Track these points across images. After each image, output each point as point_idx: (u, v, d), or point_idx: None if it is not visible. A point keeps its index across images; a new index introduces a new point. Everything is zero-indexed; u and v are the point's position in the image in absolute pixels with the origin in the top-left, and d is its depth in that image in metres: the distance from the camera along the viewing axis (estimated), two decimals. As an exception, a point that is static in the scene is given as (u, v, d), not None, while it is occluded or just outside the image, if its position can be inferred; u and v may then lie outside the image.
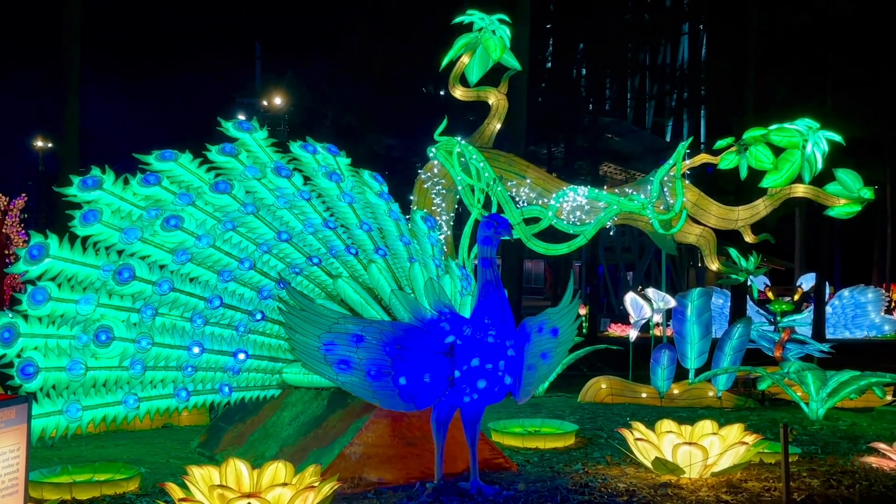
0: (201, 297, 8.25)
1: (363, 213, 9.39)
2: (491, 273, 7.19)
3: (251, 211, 8.78)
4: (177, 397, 8.12)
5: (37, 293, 7.67)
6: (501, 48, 13.95)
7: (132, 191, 8.44)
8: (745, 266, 14.75)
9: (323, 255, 8.78)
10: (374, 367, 7.01)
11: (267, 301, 8.41)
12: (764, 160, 13.72)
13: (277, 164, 9.33)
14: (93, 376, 7.78)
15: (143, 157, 8.82)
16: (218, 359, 8.24)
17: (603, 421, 11.71)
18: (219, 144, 9.36)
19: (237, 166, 9.19)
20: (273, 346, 8.52)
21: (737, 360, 13.86)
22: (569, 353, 9.61)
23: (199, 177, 8.86)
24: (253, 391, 8.53)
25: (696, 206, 14.31)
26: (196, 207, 8.61)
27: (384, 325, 7.20)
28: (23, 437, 5.43)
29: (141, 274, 8.06)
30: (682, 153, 14.16)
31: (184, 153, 8.98)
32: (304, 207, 9.16)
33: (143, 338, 7.95)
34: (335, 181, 9.51)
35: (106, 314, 7.91)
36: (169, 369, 8.09)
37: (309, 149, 9.83)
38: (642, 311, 15.24)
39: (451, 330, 7.26)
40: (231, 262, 8.43)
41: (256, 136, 9.65)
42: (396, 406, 7.21)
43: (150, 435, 10.62)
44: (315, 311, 7.05)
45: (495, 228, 7.29)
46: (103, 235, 8.17)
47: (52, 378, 7.59)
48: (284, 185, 9.25)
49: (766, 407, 13.66)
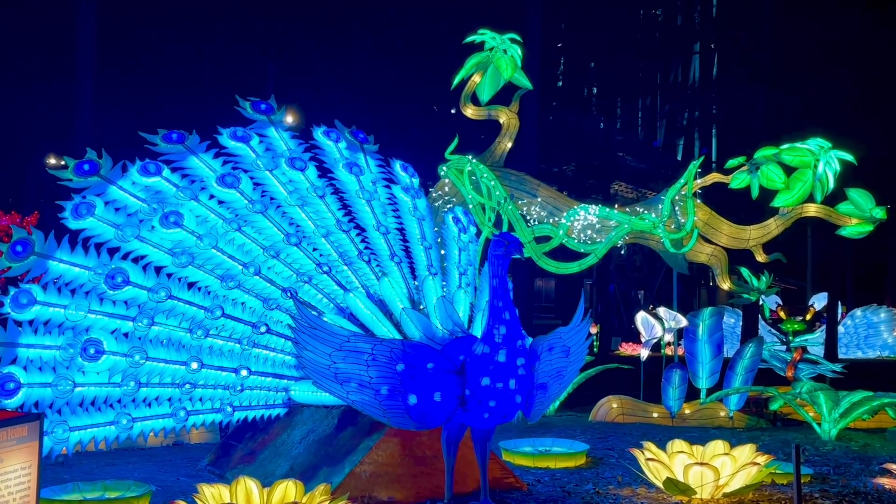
0: (201, 307, 7.87)
1: (381, 213, 9.00)
2: (501, 291, 7.18)
3: (259, 209, 8.33)
4: (174, 417, 7.73)
5: (21, 295, 7.11)
6: (513, 67, 14.02)
7: (131, 179, 7.87)
8: (757, 285, 14.73)
9: (334, 262, 8.51)
10: (384, 386, 7.00)
11: (273, 312, 8.15)
12: (775, 179, 13.72)
13: (292, 155, 8.82)
14: (81, 393, 7.30)
15: (150, 136, 8.25)
16: (218, 375, 7.92)
17: (614, 441, 11.67)
18: (231, 128, 8.79)
19: (248, 154, 8.69)
20: (278, 363, 8.26)
21: (748, 379, 13.80)
22: (580, 371, 9.58)
23: (206, 164, 8.37)
24: (257, 410, 8.23)
25: (708, 225, 14.30)
26: (199, 202, 8.14)
27: (395, 343, 7.19)
28: (34, 455, 5.43)
29: (135, 279, 7.59)
30: (693, 172, 14.17)
31: (191, 134, 8.42)
32: (318, 206, 8.73)
33: (137, 351, 7.48)
34: (355, 174, 9.03)
35: (98, 323, 7.43)
36: (165, 386, 7.70)
37: (332, 136, 9.33)
38: (654, 331, 15.20)
39: (461, 349, 7.25)
40: (234, 266, 8.07)
41: (275, 118, 9.02)
42: (407, 425, 7.19)
43: (160, 452, 10.62)
44: (325, 330, 7.03)
45: (506, 247, 7.28)
46: (97, 230, 7.62)
47: (36, 395, 7.06)
48: (298, 179, 8.77)
49: (778, 427, 13.61)
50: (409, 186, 9.41)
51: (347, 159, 9.19)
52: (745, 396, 13.91)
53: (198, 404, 7.89)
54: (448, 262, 8.88)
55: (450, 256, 8.91)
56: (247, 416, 8.16)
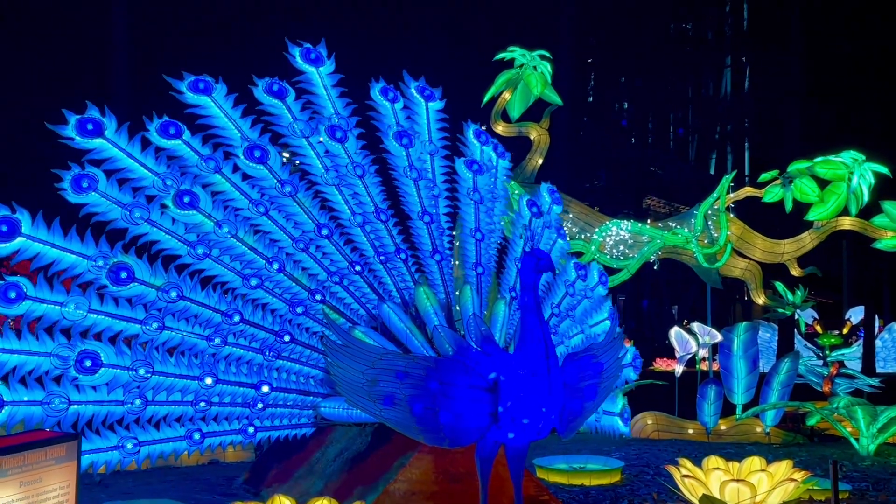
0: (216, 310, 7.16)
1: (428, 197, 8.29)
2: (533, 308, 7.15)
3: (289, 191, 7.54)
4: (188, 440, 7.02)
5: (8, 288, 6.26)
6: (542, 84, 14.05)
7: (147, 142, 6.97)
8: (792, 300, 14.61)
9: (369, 259, 7.94)
10: (417, 404, 6.99)
11: (300, 318, 7.59)
12: (809, 193, 13.64)
13: (332, 123, 7.89)
14: (77, 412, 6.48)
15: (175, 81, 7.28)
16: (236, 391, 7.27)
17: (649, 457, 11.60)
18: (267, 79, 7.73)
19: (284, 115, 7.77)
20: (303, 376, 7.72)
21: (785, 395, 13.68)
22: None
23: (234, 123, 7.42)
24: (283, 430, 7.66)
25: (741, 239, 14.23)
26: (222, 175, 7.29)
27: (428, 360, 7.17)
28: (72, 475, 5.48)
29: (141, 276, 6.77)
30: (725, 186, 14.12)
31: (218, 83, 7.40)
32: (357, 187, 7.93)
33: (141, 364, 6.71)
34: (405, 146, 8.22)
35: (99, 322, 6.61)
36: (177, 404, 7.01)
37: (390, 95, 8.40)
38: (688, 346, 15.11)
39: (494, 366, 7.24)
40: (257, 260, 7.36)
41: (322, 70, 7.99)
42: (440, 442, 7.16)
43: (195, 471, 10.68)
44: (358, 347, 7.02)
45: (537, 263, 7.26)
46: (101, 209, 6.71)
47: (23, 413, 6.26)
48: (337, 153, 7.92)
49: (816, 443, 13.46)
50: (473, 160, 8.64)
51: (399, 127, 8.32)
52: (782, 412, 13.78)
53: (213, 425, 7.19)
54: (508, 257, 8.45)
55: (511, 251, 8.46)
56: (270, 436, 7.60)
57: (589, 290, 8.80)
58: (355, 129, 8.10)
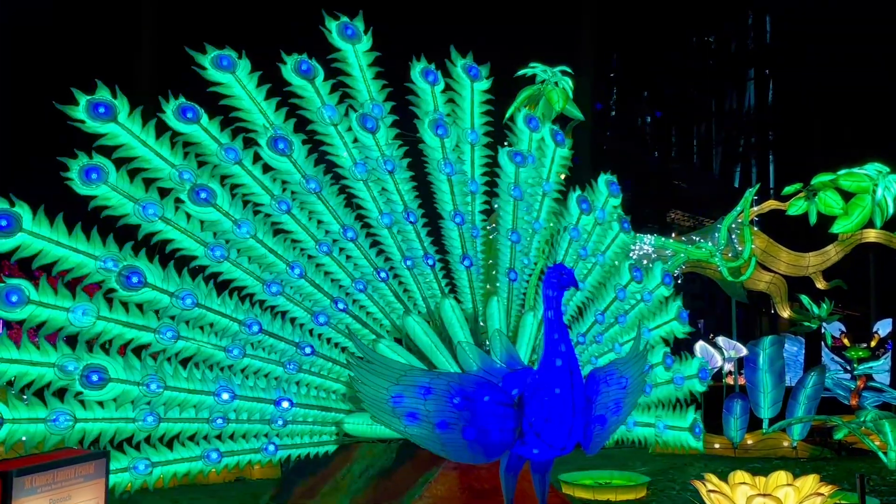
0: (234, 319, 6.77)
1: (462, 194, 7.84)
2: (557, 324, 7.13)
3: (314, 188, 7.06)
4: (204, 459, 6.65)
5: (10, 292, 5.80)
6: (564, 99, 14.06)
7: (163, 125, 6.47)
8: (818, 313, 14.53)
9: (397, 263, 7.56)
10: (442, 420, 6.98)
11: (322, 328, 7.27)
12: (833, 205, 13.60)
13: (365, 111, 7.34)
14: (83, 429, 6.08)
15: (198, 55, 6.74)
16: (253, 406, 6.92)
17: (675, 472, 11.55)
18: (295, 56, 7.13)
19: (313, 97, 7.24)
20: (324, 390, 7.45)
21: (811, 408, 13.60)
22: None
23: (258, 106, 6.93)
24: (304, 448, 7.42)
25: (766, 252, 14.19)
26: (242, 167, 6.82)
27: (452, 377, 7.15)
28: (101, 492, 5.53)
29: (154, 281, 6.33)
30: (749, 199, 14.09)
31: (241, 58, 6.84)
32: (386, 183, 7.44)
33: (152, 379, 6.28)
34: (440, 136, 7.67)
35: (108, 330, 6.16)
36: (190, 420, 6.62)
37: (430, 77, 7.79)
38: (713, 360, 15.05)
39: (518, 381, 7.24)
40: (278, 263, 6.97)
41: (359, 47, 7.36)
42: (465, 458, 7.15)
43: (222, 488, 10.72)
44: (382, 363, 6.91)
45: (560, 278, 7.24)
46: (112, 202, 6.28)
47: (22, 432, 5.86)
48: (368, 143, 7.38)
49: (843, 457, 13.36)
50: (518, 151, 8.13)
51: (437, 114, 7.76)
52: (809, 426, 13.70)
53: (230, 444, 6.83)
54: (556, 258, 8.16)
55: (558, 251, 8.15)
56: (291, 454, 7.30)
57: (647, 292, 8.58)
58: (388, 117, 7.54)
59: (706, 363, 9.15)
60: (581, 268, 8.41)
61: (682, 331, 8.66)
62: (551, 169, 8.40)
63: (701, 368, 8.93)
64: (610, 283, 8.36)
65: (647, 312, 8.56)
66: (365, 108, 7.36)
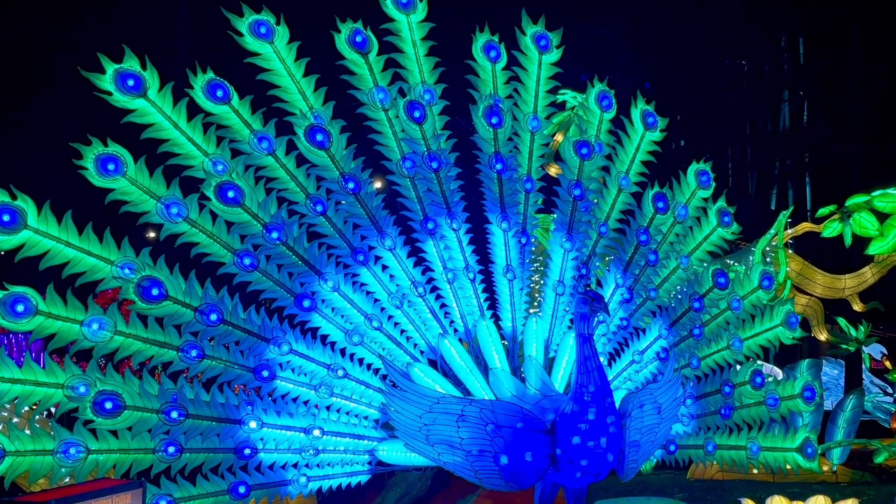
0: (262, 338, 6.28)
1: (511, 194, 7.20)
2: (589, 349, 7.10)
3: (353, 188, 6.38)
4: (232, 493, 6.13)
5: (16, 301, 5.27)
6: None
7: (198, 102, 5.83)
8: (856, 335, 14.39)
9: (438, 275, 7.09)
10: (475, 447, 6.97)
11: (356, 348, 6.88)
12: (868, 227, 13.49)
13: (413, 97, 6.61)
14: (95, 461, 5.58)
15: (234, 17, 5.98)
16: (282, 436, 6.46)
17: (713, 498, 11.48)
18: (350, 25, 6.28)
19: (365, 75, 6.45)
20: (355, 416, 7.02)
21: (851, 432, 13.45)
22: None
23: (297, 85, 6.17)
24: (336, 479, 6.88)
25: (801, 275, 14.10)
26: (276, 159, 6.16)
27: (485, 404, 7.12)
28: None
29: (175, 294, 5.79)
30: (783, 222, 13.99)
31: (279, 25, 6.04)
32: (431, 182, 6.78)
33: (172, 407, 5.76)
34: (495, 126, 6.93)
35: (126, 346, 5.61)
36: (214, 451, 6.11)
37: (492, 54, 6.95)
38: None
39: (551, 408, 7.23)
40: (309, 273, 6.42)
41: (413, 18, 6.54)
42: (499, 486, 7.09)
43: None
44: (414, 392, 6.87)
45: (591, 305, 7.20)
46: (131, 197, 5.66)
47: (27, 464, 5.33)
48: (415, 135, 6.69)
49: (884, 481, 13.19)
50: (585, 142, 7.38)
51: (492, 101, 6.94)
52: (849, 450, 13.53)
53: (257, 476, 6.34)
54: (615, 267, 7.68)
55: (620, 259, 7.72)
56: (322, 485, 6.77)
57: (736, 299, 7.94)
58: (438, 104, 6.76)
59: (813, 381, 8.37)
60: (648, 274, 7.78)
61: (791, 336, 7.94)
62: (634, 158, 7.63)
63: (806, 387, 8.18)
64: (686, 293, 7.81)
65: (736, 321, 7.99)
66: (417, 91, 6.57)
